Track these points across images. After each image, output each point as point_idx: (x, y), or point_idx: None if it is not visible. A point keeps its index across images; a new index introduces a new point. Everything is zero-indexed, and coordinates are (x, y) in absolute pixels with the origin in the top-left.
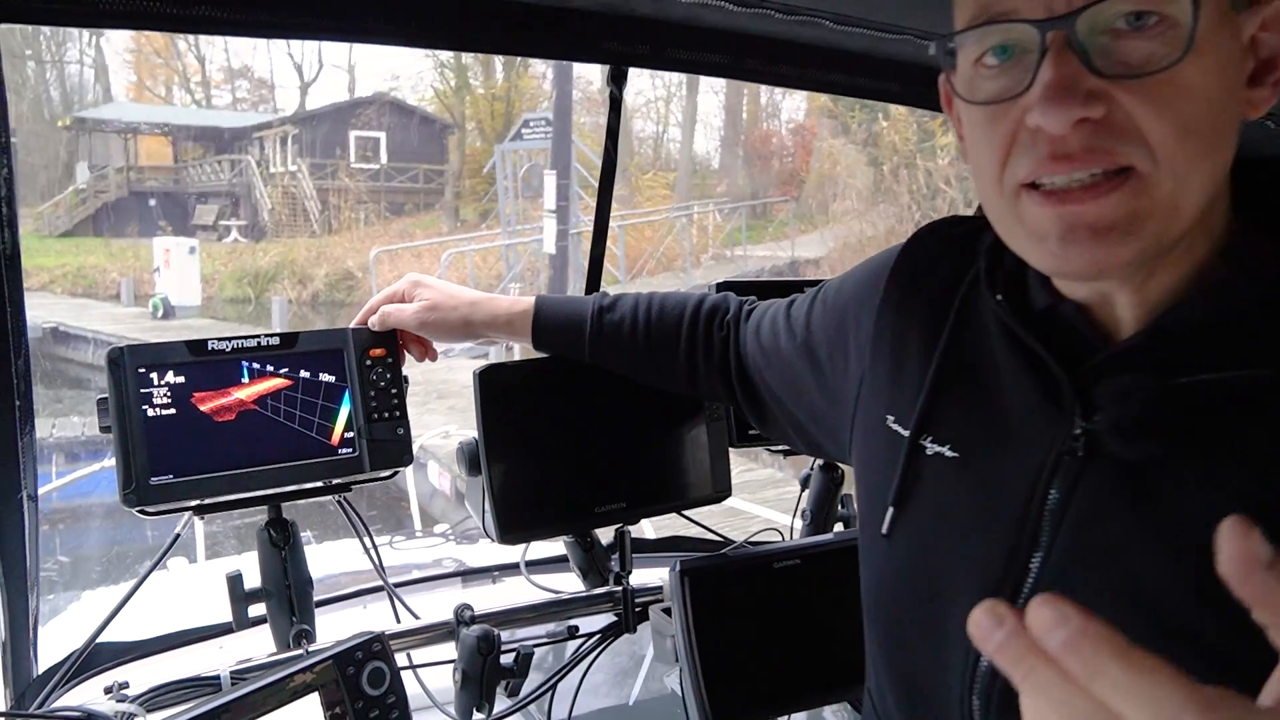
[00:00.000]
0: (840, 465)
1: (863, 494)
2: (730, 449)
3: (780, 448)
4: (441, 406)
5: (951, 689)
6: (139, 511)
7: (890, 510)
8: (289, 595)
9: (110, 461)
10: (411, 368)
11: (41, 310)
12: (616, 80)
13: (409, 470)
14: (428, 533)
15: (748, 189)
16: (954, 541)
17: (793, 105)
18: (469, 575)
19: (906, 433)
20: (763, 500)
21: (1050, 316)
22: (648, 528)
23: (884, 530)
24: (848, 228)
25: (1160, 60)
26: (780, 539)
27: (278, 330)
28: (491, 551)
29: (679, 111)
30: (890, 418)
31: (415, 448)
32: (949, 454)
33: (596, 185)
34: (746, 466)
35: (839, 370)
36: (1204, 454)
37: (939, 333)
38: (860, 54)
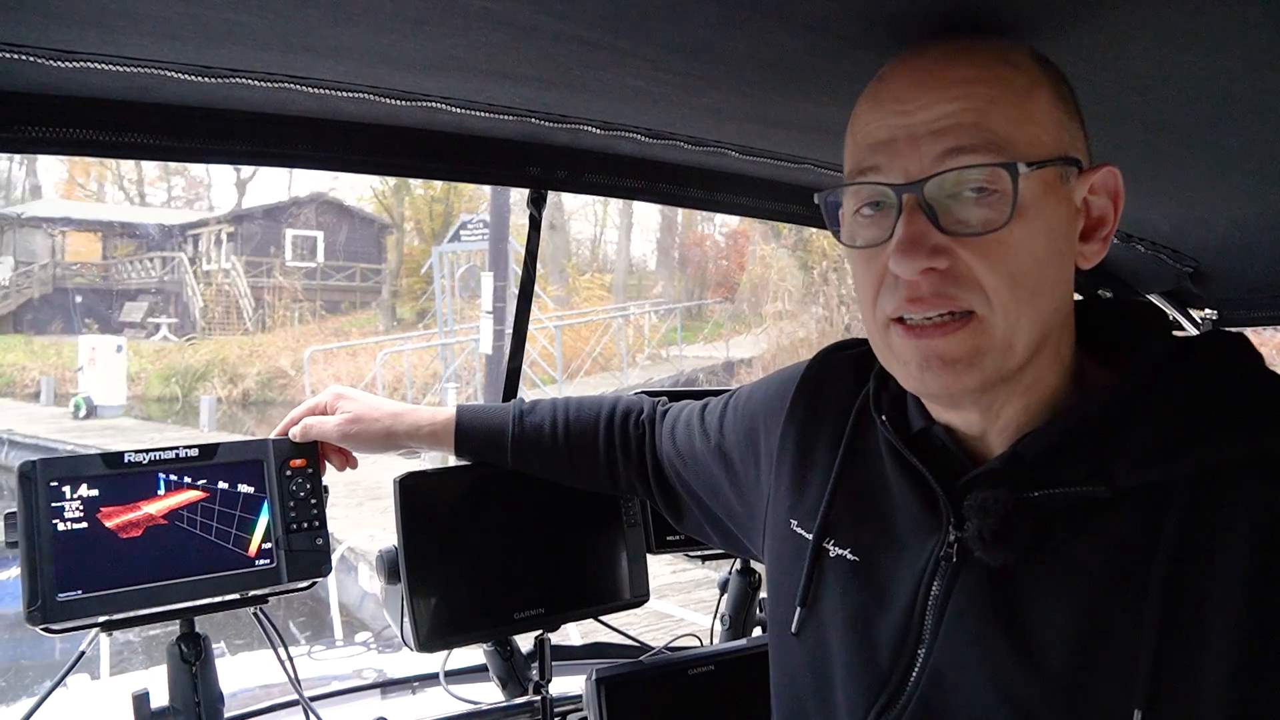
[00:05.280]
0: (757, 570)
1: (772, 594)
2: (649, 554)
3: (699, 552)
4: (375, 508)
5: None
6: (43, 629)
7: (799, 610)
8: (199, 714)
9: (12, 571)
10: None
11: None
12: (536, 203)
13: (331, 575)
14: (349, 641)
15: (683, 291)
16: (853, 636)
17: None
18: (388, 686)
19: (810, 537)
20: (697, 601)
21: (926, 436)
22: (574, 634)
23: (793, 629)
24: (780, 329)
25: (992, 224)
26: (699, 643)
27: (198, 441)
28: (412, 660)
29: (616, 214)
30: (794, 522)
31: (342, 550)
32: (850, 557)
33: (534, 286)
34: (681, 567)
35: (751, 475)
36: (1054, 561)
37: (838, 446)
38: (765, 180)
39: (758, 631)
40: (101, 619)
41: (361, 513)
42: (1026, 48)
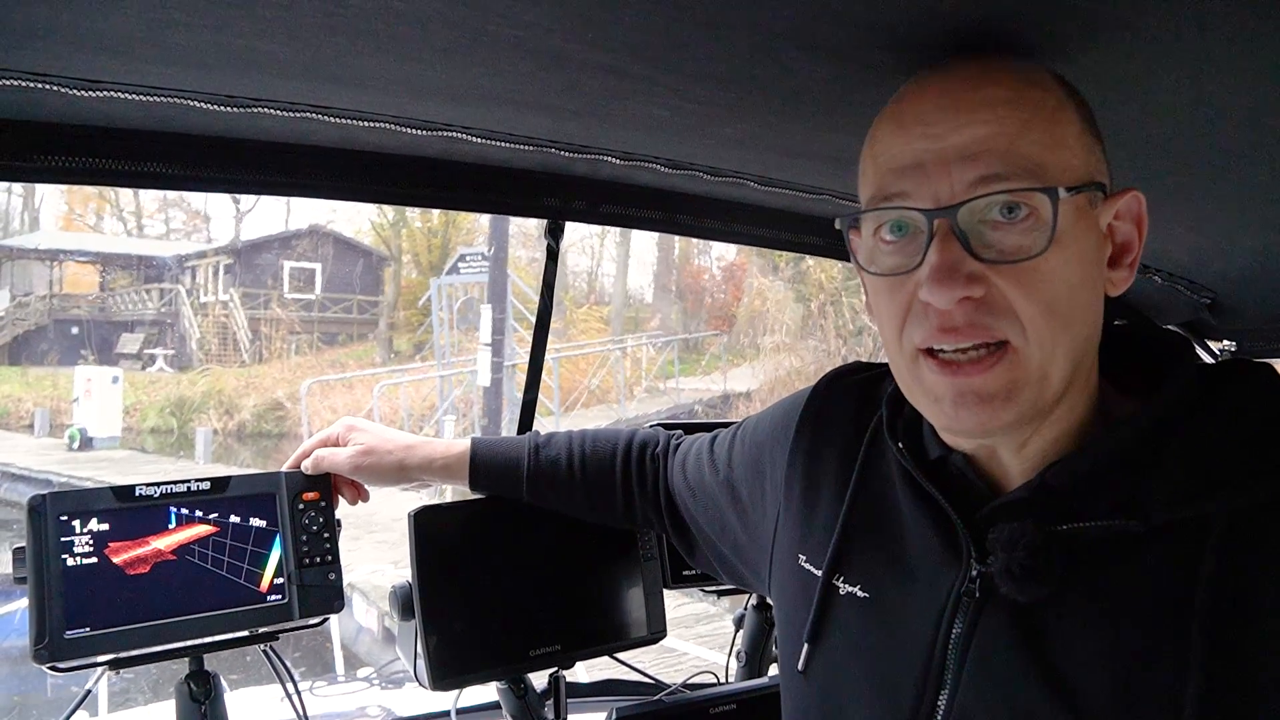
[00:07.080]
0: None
1: (781, 631)
2: (665, 589)
3: (714, 588)
4: (371, 540)
5: None
6: (50, 668)
7: (805, 647)
8: None
9: (13, 605)
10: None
11: None
12: (554, 234)
13: None
14: (351, 677)
15: (680, 323)
16: (866, 678)
17: (723, 244)
18: None
19: (819, 573)
20: (696, 636)
21: (944, 464)
22: (581, 671)
23: (800, 667)
24: (777, 362)
25: (1029, 250)
26: (715, 680)
27: (194, 473)
28: (418, 698)
29: (613, 246)
30: (803, 557)
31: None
32: (860, 594)
33: (532, 319)
34: (680, 601)
35: (758, 508)
36: (1085, 597)
37: (848, 478)
38: (783, 211)
39: (774, 669)
40: (109, 657)
41: (360, 545)
42: (1047, 69)
